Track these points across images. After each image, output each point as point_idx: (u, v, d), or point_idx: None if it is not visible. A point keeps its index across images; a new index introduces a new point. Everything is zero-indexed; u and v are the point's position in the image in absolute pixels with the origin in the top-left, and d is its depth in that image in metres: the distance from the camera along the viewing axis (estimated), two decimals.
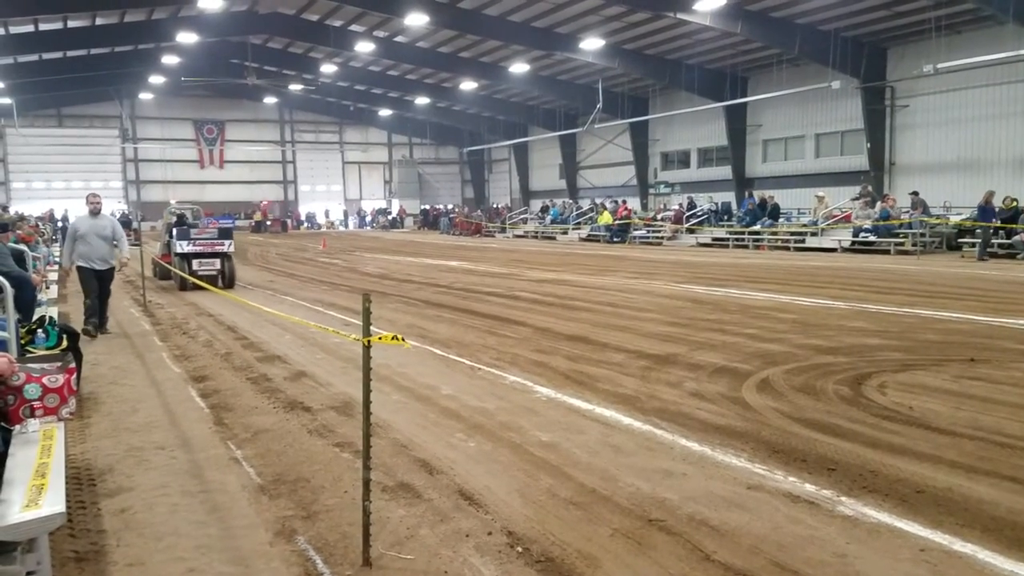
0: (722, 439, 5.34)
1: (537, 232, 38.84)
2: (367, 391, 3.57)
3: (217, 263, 16.01)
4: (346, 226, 56.08)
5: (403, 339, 3.66)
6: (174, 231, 16.55)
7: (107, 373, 7.81)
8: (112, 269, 10.40)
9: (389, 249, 30.30)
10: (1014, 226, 19.59)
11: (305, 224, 54.33)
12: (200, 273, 15.24)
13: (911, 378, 6.80)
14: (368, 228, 54.31)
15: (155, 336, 10.15)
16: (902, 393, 6.31)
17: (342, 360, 8.25)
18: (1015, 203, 20.10)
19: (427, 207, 55.06)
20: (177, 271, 15.02)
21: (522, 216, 44.73)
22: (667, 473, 4.73)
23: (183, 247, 15.94)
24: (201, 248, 16.00)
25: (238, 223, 51.77)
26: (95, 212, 10.44)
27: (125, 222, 35.99)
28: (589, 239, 33.81)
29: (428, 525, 4.03)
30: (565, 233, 36.23)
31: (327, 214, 56.36)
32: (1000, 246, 19.77)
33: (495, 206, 52.33)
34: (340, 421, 5.94)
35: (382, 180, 59.89)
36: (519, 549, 3.74)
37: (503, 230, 42.10)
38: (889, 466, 4.73)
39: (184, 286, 15.29)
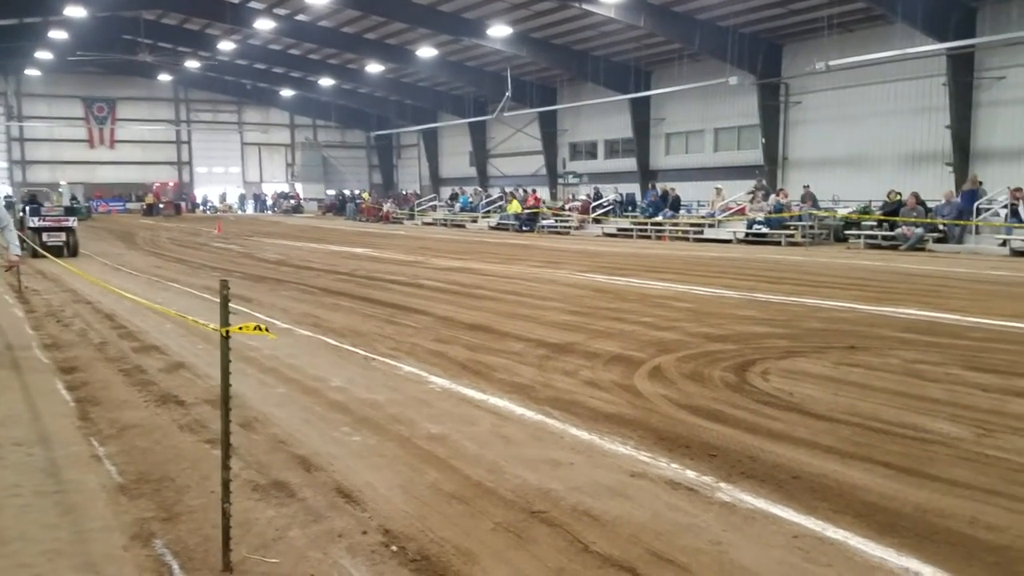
0: (611, 427, 5.32)
1: (446, 220, 38.58)
2: (226, 385, 3.35)
3: (63, 236, 18.90)
4: (244, 210, 54.39)
5: (266, 329, 3.44)
6: (27, 208, 19.80)
7: None
8: None
9: (290, 235, 29.52)
10: (896, 219, 20.53)
11: (201, 207, 52.45)
12: (48, 244, 18.11)
13: (793, 365, 6.97)
14: (269, 212, 52.83)
15: (27, 324, 9.50)
16: (784, 379, 6.45)
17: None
18: (898, 196, 21.07)
19: (345, 192, 53.22)
20: (29, 242, 16.17)
21: (431, 203, 44.35)
22: (555, 463, 4.67)
23: (35, 222, 18.77)
24: (50, 223, 19.03)
25: (129, 206, 49.77)
26: None
27: (8, 204, 33.98)
28: (498, 228, 33.79)
29: (299, 526, 3.83)
30: (475, 221, 36.10)
31: (223, 197, 54.49)
32: (883, 238, 20.70)
33: (403, 192, 51.69)
34: (214, 416, 5.61)
35: (284, 163, 58.34)
36: (394, 548, 3.59)
37: (411, 217, 41.63)
38: (768, 452, 4.79)
39: (35, 255, 16.58)
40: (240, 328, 3.42)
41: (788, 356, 7.36)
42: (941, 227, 19.89)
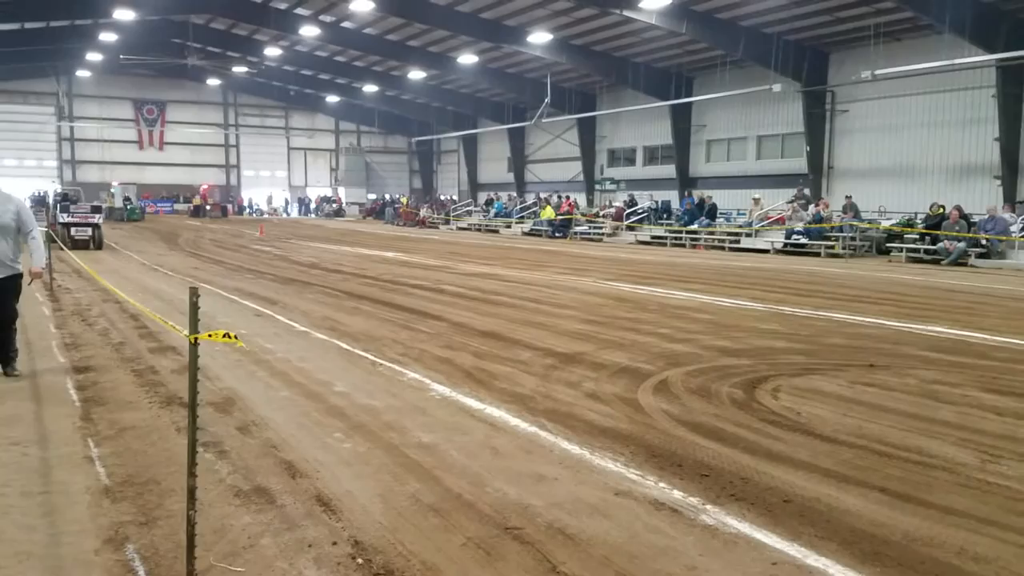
0: (604, 442, 5.23)
1: (480, 225, 38.65)
2: (193, 393, 3.35)
3: (89, 231, 21.48)
4: (288, 213, 55.20)
5: (235, 337, 3.44)
6: (58, 205, 22.53)
7: None
8: (15, 278, 6.63)
9: (328, 238, 29.82)
10: (938, 232, 20.00)
11: (247, 210, 53.32)
12: (76, 237, 20.93)
13: (807, 382, 6.80)
14: (312, 216, 53.51)
15: (51, 322, 9.71)
16: (794, 398, 6.28)
17: (240, 353, 7.96)
18: (941, 210, 20.52)
19: (386, 196, 53.63)
20: (57, 238, 17.81)
21: (467, 208, 44.49)
22: (539, 477, 4.60)
23: (64, 218, 21.45)
24: (78, 220, 21.43)
25: (176, 207, 50.78)
26: None
27: (42, 201, 34.87)
28: (531, 233, 33.74)
29: (272, 534, 3.82)
30: (508, 227, 36.09)
31: (269, 200, 55.36)
32: (925, 252, 20.18)
33: (441, 198, 51.96)
34: (214, 419, 5.68)
35: (328, 167, 59.08)
36: (359, 560, 3.56)
37: (447, 222, 41.81)
38: (763, 473, 4.66)
39: (65, 246, 18.24)
40: (209, 335, 3.43)
41: (803, 373, 7.18)
42: (984, 242, 19.32)
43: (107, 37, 37.06)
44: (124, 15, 31.55)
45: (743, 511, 4.14)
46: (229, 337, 3.41)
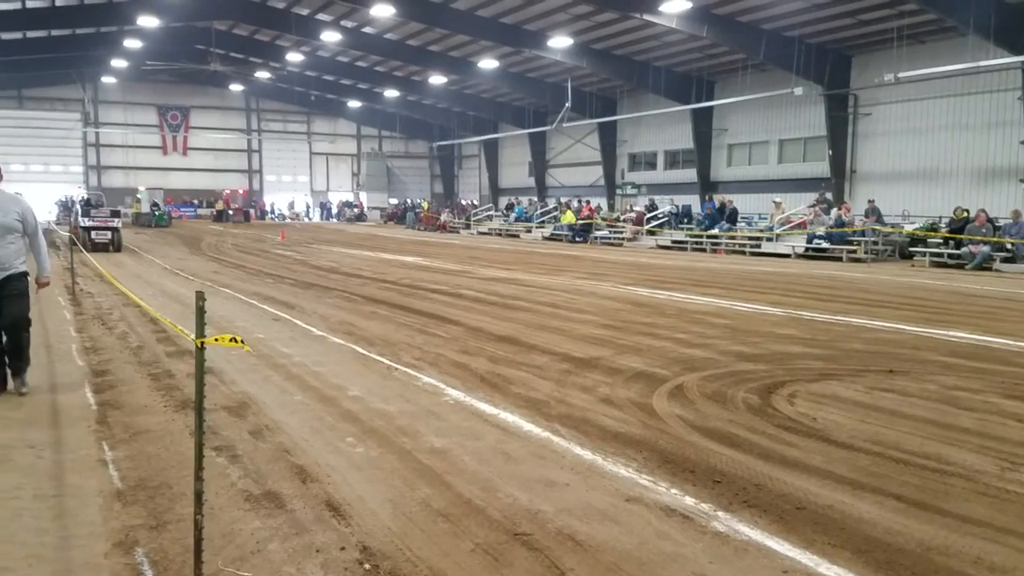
0: (617, 447, 5.19)
1: (501, 230, 38.68)
2: (200, 397, 3.35)
3: (108, 234, 23.03)
4: (309, 218, 55.55)
5: (242, 341, 3.45)
6: (79, 209, 24.47)
7: None
8: (19, 278, 6.24)
9: (349, 243, 29.96)
10: (962, 236, 19.73)
11: (269, 215, 53.70)
12: (96, 240, 22.59)
13: (824, 388, 6.72)
14: (333, 220, 53.80)
15: (71, 326, 9.82)
16: (811, 404, 6.21)
17: (256, 357, 8.01)
18: (965, 213, 20.25)
19: (408, 201, 53.51)
20: (78, 240, 18.62)
21: (487, 213, 44.54)
22: (550, 483, 4.57)
23: (85, 222, 23.12)
24: (98, 224, 23.07)
25: (200, 212, 51.22)
26: None
27: (66, 206, 35.09)
28: (552, 238, 33.69)
29: (280, 539, 3.83)
30: (528, 231, 36.09)
31: (291, 205, 55.75)
32: (949, 256, 19.92)
33: (461, 202, 52.07)
34: (228, 423, 5.71)
35: (350, 172, 59.42)
36: (367, 566, 3.56)
37: (467, 226, 41.86)
38: (776, 479, 4.61)
39: (86, 249, 19.33)
40: (216, 340, 3.44)
41: (821, 379, 7.10)
42: (1009, 246, 19.03)
43: (132, 44, 37.53)
44: (148, 22, 31.97)
45: (755, 518, 4.10)
46: (236, 341, 3.42)
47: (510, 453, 5.11)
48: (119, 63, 43.06)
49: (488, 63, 35.34)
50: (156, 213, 40.47)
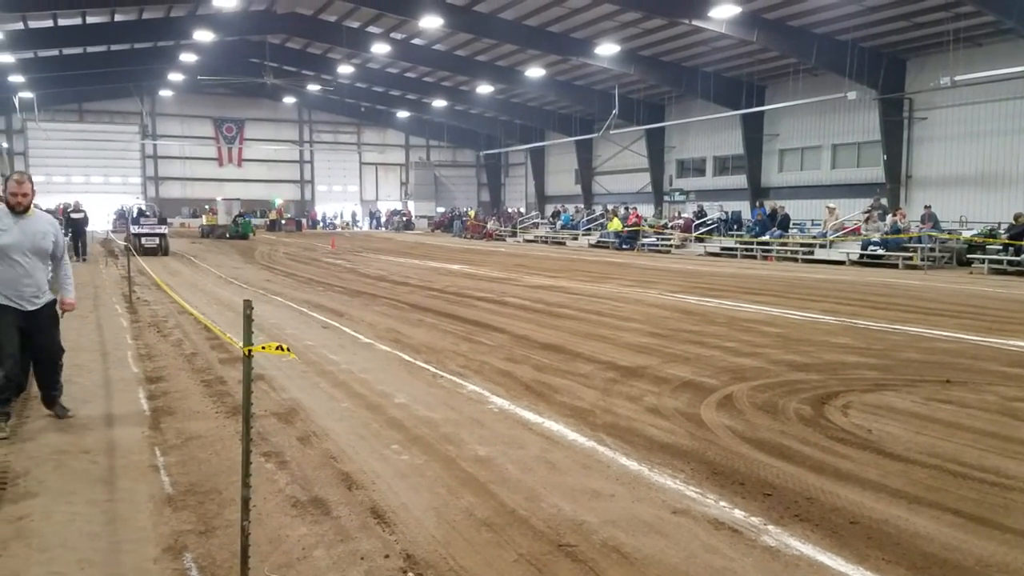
0: (664, 458, 5.12)
1: (547, 237, 38.65)
2: (247, 404, 3.39)
3: (157, 240, 26.08)
4: (359, 226, 56.29)
5: (288, 349, 3.48)
6: (133, 219, 28.01)
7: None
8: (52, 305, 5.95)
9: (397, 251, 30.23)
10: (1022, 243, 19.10)
11: (320, 224, 54.50)
12: (146, 245, 25.22)
13: (879, 399, 6.54)
14: (382, 229, 54.40)
15: (128, 333, 10.06)
16: (865, 415, 6.05)
17: (305, 364, 8.11)
18: None
19: (455, 209, 53.26)
20: (131, 246, 19.45)
21: (533, 221, 44.56)
22: (595, 494, 4.52)
23: (136, 229, 26.28)
24: (147, 230, 26.26)
25: (254, 222, 52.11)
26: (18, 208, 5.68)
27: (121, 215, 35.72)
28: (598, 245, 33.55)
29: (326, 545, 3.85)
30: (575, 239, 35.98)
31: (340, 215, 56.55)
32: (1009, 263, 19.30)
33: (508, 210, 52.20)
34: (277, 429, 5.78)
35: (398, 181, 60.08)
36: (410, 575, 3.55)
37: (514, 234, 41.93)
38: (829, 493, 4.49)
39: (137, 254, 20.15)
40: (263, 348, 3.48)
41: (875, 389, 6.92)
42: None
43: (187, 58, 38.50)
44: (204, 36, 32.74)
45: (807, 532, 3.99)
46: (282, 349, 3.45)
47: (554, 462, 5.07)
48: (176, 77, 44.21)
49: (535, 71, 35.43)
50: (240, 223, 39.17)
